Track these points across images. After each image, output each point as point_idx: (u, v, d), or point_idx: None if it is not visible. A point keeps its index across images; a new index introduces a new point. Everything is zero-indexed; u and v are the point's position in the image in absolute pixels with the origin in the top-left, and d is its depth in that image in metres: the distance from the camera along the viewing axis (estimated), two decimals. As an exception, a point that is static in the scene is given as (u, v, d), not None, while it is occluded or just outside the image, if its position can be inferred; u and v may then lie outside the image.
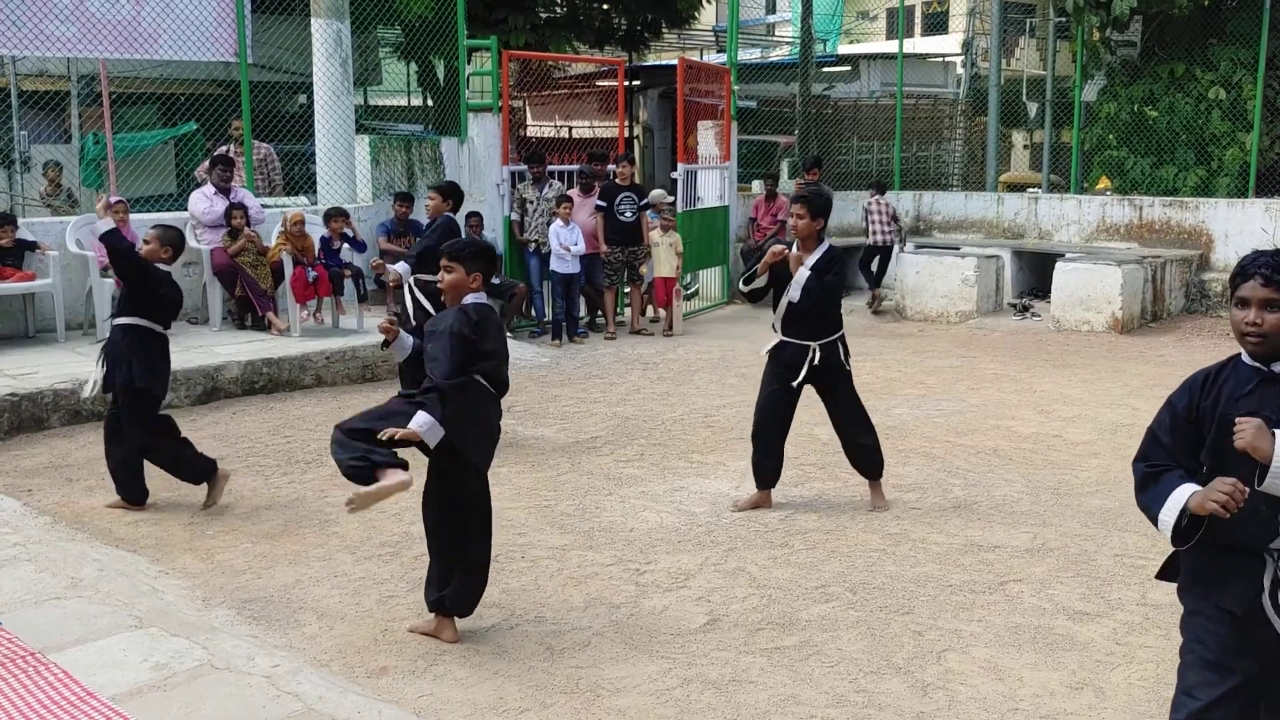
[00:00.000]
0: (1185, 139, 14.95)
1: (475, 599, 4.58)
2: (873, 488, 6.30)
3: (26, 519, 5.73)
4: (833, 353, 6.01)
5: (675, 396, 9.11)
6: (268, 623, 4.69)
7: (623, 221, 11.82)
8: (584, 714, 3.95)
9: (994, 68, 17.24)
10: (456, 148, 12.61)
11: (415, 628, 4.62)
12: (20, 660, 3.94)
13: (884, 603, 4.94)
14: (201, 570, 5.28)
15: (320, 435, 7.73)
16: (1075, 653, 4.45)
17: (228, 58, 11.08)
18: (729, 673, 4.27)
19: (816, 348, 5.96)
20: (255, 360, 8.82)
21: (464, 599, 4.54)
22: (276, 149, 12.78)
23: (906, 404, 8.81)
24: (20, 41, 9.87)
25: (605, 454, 7.35)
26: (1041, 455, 7.36)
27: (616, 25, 19.34)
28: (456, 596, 4.52)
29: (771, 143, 19.79)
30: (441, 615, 4.55)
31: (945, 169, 19.71)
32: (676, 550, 5.59)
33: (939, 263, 13.39)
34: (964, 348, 11.51)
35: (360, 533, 5.81)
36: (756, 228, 14.37)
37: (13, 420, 7.45)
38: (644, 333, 12.12)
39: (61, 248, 9.66)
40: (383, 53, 19.24)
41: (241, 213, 10.09)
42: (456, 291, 4.52)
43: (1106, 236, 14.75)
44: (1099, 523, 6.00)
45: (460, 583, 4.50)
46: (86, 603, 4.59)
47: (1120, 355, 11.01)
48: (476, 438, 4.46)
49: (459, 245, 4.63)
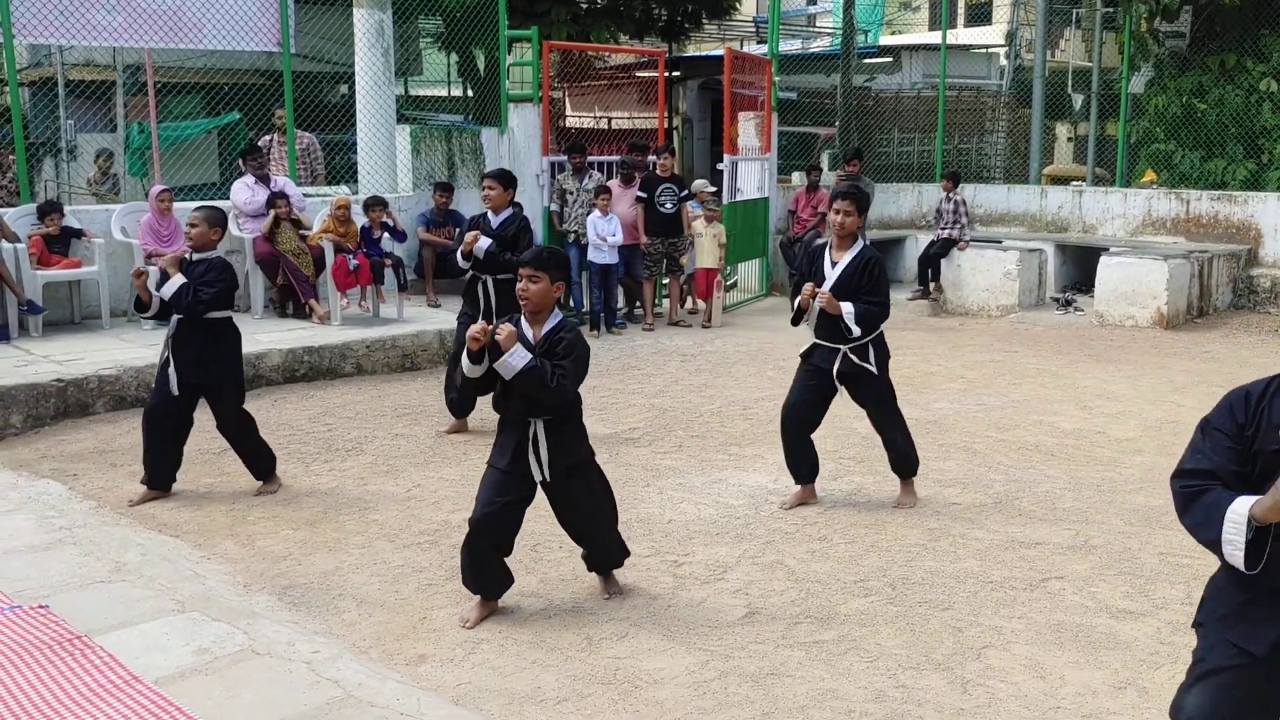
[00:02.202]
0: (1235, 132, 14.71)
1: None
2: (903, 485, 6.23)
3: (72, 503, 5.81)
4: (862, 355, 5.89)
5: (713, 388, 9.09)
6: (308, 609, 4.72)
7: (663, 213, 11.80)
8: (621, 705, 3.94)
9: (1039, 59, 17.04)
10: (496, 138, 12.63)
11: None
12: (68, 643, 3.99)
13: (923, 598, 4.90)
14: (243, 556, 5.33)
15: (360, 423, 7.78)
16: (1118, 652, 4.40)
17: (271, 48, 11.16)
18: (767, 666, 4.25)
19: (845, 351, 5.88)
20: (296, 348, 8.88)
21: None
22: (318, 138, 12.88)
23: (947, 398, 8.73)
24: (67, 31, 9.99)
25: (643, 445, 7.35)
26: (1084, 451, 7.27)
27: (657, 16, 19.30)
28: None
29: (812, 134, 19.67)
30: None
31: (987, 161, 19.50)
32: (714, 542, 5.57)
33: (980, 256, 13.26)
34: (1005, 342, 11.40)
35: (400, 521, 5.84)
36: (796, 220, 14.30)
37: (59, 405, 7.55)
38: (682, 324, 12.09)
39: (107, 235, 9.78)
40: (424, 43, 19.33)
41: (285, 202, 10.17)
42: (542, 301, 4.52)
43: (1152, 231, 14.56)
44: (1143, 520, 5.92)
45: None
46: (130, 587, 4.64)
47: (1165, 351, 10.86)
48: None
49: (544, 255, 4.61)
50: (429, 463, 6.93)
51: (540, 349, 4.48)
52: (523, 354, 4.37)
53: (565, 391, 4.47)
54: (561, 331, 4.55)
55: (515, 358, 4.36)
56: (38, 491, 5.96)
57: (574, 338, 4.54)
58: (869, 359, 5.91)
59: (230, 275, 6.05)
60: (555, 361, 4.45)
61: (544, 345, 4.50)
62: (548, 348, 4.49)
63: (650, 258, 11.90)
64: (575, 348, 4.50)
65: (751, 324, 12.34)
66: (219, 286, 5.91)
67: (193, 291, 5.84)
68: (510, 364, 4.36)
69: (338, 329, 9.63)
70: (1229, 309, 13.18)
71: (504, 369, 4.38)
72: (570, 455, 4.62)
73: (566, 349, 4.49)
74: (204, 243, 5.98)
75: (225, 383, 6.08)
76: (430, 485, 6.46)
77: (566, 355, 4.47)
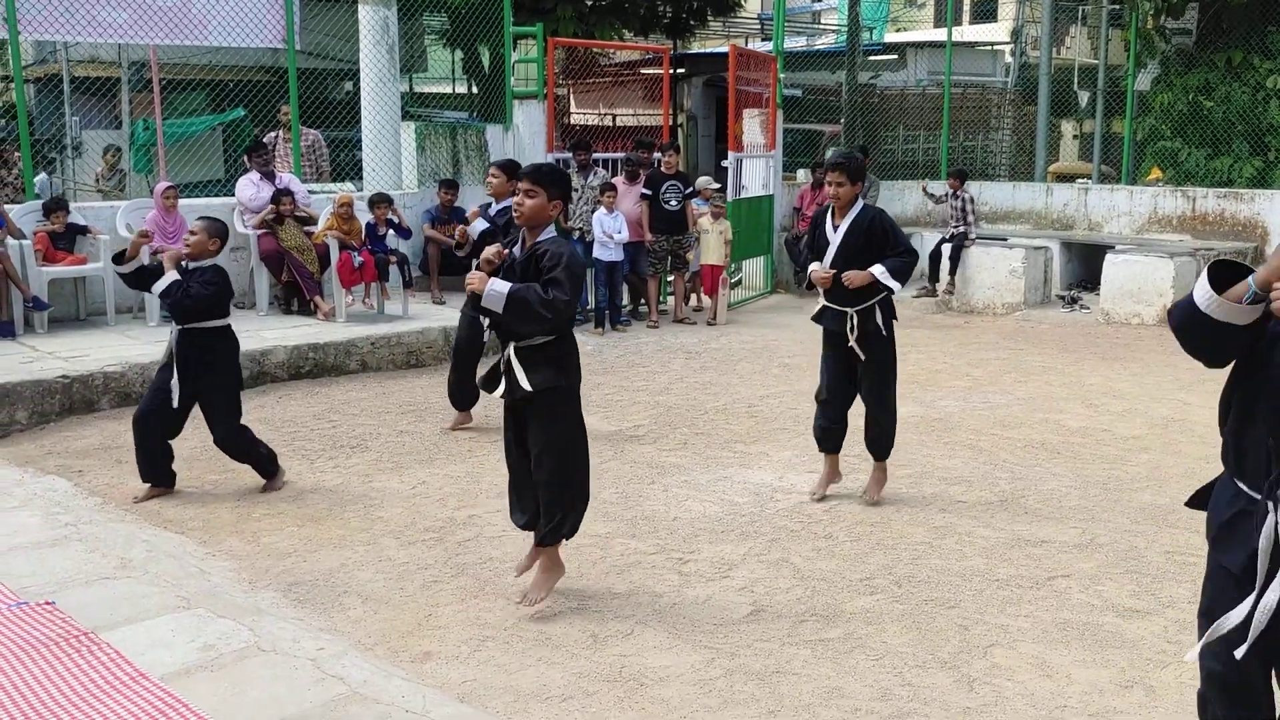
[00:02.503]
0: (1241, 129, 14.66)
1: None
2: (874, 473, 6.19)
3: (77, 499, 5.82)
4: (869, 318, 5.89)
5: (718, 386, 9.08)
6: (313, 606, 4.72)
7: (668, 210, 11.78)
8: (627, 702, 3.94)
9: (1045, 56, 16.99)
10: (501, 135, 12.63)
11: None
12: (74, 640, 3.99)
13: (929, 596, 4.89)
14: (248, 553, 5.33)
15: (365, 420, 7.78)
16: (1125, 650, 4.38)
17: (276, 44, 11.17)
18: (772, 664, 4.24)
19: (853, 313, 5.88)
20: (301, 345, 8.89)
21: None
22: (324, 135, 12.88)
23: (952, 396, 8.72)
24: (73, 27, 9.99)
25: (648, 443, 7.34)
26: (1090, 449, 7.25)
27: (662, 12, 19.28)
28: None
29: (817, 132, 19.64)
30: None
31: (992, 159, 19.47)
32: (720, 540, 5.56)
33: (986, 254, 13.24)
34: (1011, 340, 11.38)
35: (405, 518, 5.84)
36: (801, 217, 14.28)
37: (64, 402, 7.55)
38: (687, 321, 12.08)
39: (112, 232, 9.78)
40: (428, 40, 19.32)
41: (289, 199, 10.17)
42: (536, 218, 4.42)
43: (1158, 228, 14.52)
44: (1149, 519, 5.91)
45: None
46: (135, 583, 4.64)
47: (1171, 349, 10.73)
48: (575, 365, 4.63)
49: (542, 169, 4.51)
50: (434, 459, 6.92)
51: (521, 260, 4.42)
52: (501, 285, 4.27)
53: (561, 306, 4.30)
54: (544, 244, 4.40)
55: (495, 287, 4.25)
56: (43, 488, 5.96)
57: (557, 248, 4.38)
58: (876, 319, 5.90)
59: (224, 283, 6.01)
60: (544, 278, 4.30)
61: (525, 256, 4.43)
62: (528, 258, 4.41)
63: (655, 255, 11.89)
64: (561, 256, 4.33)
65: (756, 321, 12.33)
66: (211, 290, 5.89)
67: (183, 290, 5.84)
68: (495, 292, 4.24)
69: (342, 326, 9.63)
70: (1235, 307, 13.12)
71: (490, 302, 4.28)
72: (537, 376, 4.45)
73: (552, 259, 4.32)
74: (201, 252, 5.96)
75: (219, 395, 6.03)
76: (435, 482, 6.46)
77: (554, 266, 4.30)
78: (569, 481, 4.62)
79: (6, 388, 7.30)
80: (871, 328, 5.91)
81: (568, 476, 4.61)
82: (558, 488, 4.60)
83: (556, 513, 4.62)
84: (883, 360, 6.02)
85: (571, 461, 4.61)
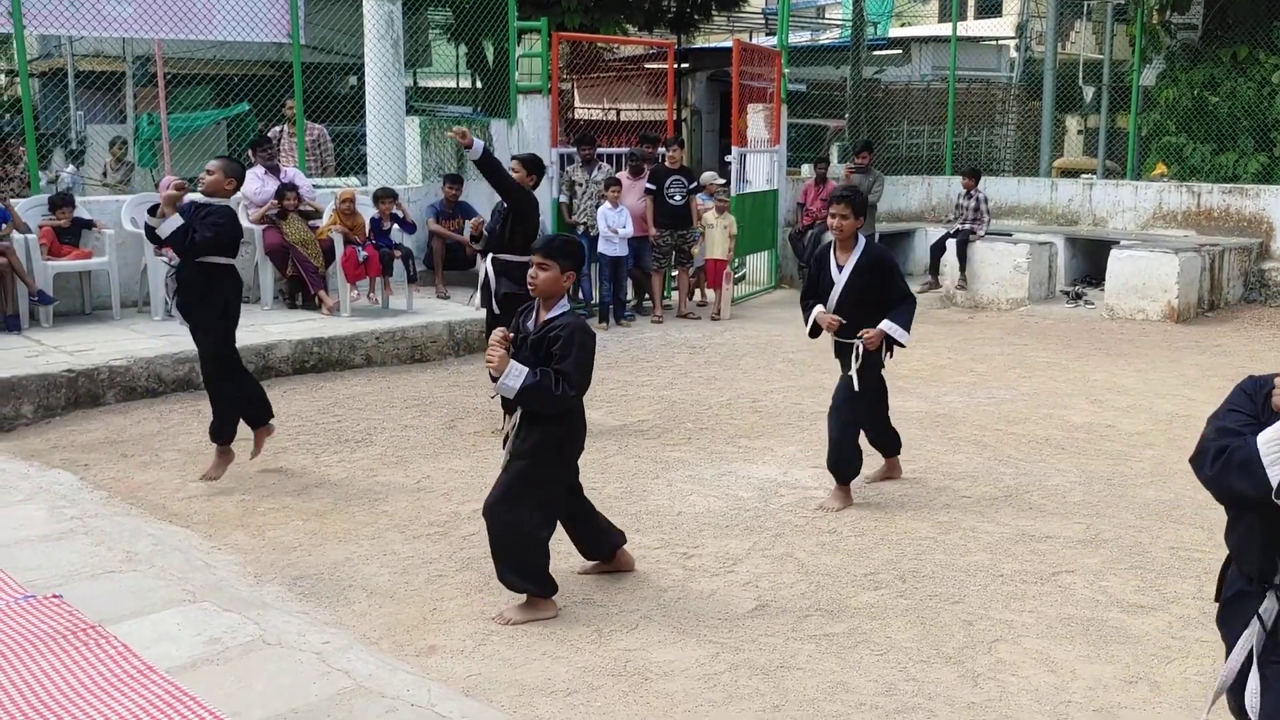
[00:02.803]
0: (1247, 125, 14.63)
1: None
2: (888, 460, 6.40)
3: (83, 493, 5.83)
4: (876, 351, 5.97)
5: (722, 381, 9.08)
6: (318, 600, 4.73)
7: (672, 205, 11.78)
8: (631, 697, 3.95)
9: (1049, 51, 16.95)
10: (506, 129, 12.63)
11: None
12: (82, 633, 4.00)
13: (934, 591, 4.89)
14: (253, 547, 5.34)
15: (369, 414, 7.79)
16: (1129, 646, 4.39)
17: (280, 39, 11.17)
18: (777, 659, 4.25)
19: (860, 344, 5.92)
20: (306, 339, 8.89)
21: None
22: (328, 130, 12.88)
23: (957, 392, 8.72)
24: (78, 22, 10.01)
25: (652, 437, 7.34)
26: (1095, 445, 7.25)
27: (666, 7, 19.25)
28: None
29: (821, 127, 19.62)
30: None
31: (997, 154, 19.44)
32: (724, 535, 5.57)
33: (990, 249, 13.21)
34: (1015, 335, 11.37)
35: (409, 512, 5.85)
36: (805, 212, 14.27)
37: (69, 396, 7.57)
38: (691, 316, 12.08)
39: (117, 226, 9.79)
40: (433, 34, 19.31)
41: (294, 194, 10.17)
42: (551, 290, 4.47)
43: (1163, 224, 14.50)
44: (1154, 514, 5.91)
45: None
46: (141, 577, 4.65)
47: (1176, 345, 10.82)
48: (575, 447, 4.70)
49: (555, 243, 4.55)
50: (438, 454, 6.93)
51: (534, 336, 4.45)
52: (518, 372, 4.30)
53: (570, 399, 4.40)
54: (557, 324, 4.42)
55: (511, 378, 4.30)
56: (49, 481, 5.98)
57: (569, 332, 4.38)
58: (882, 353, 6.01)
59: (233, 222, 6.03)
60: (555, 366, 4.35)
61: (539, 333, 4.46)
62: (540, 336, 4.44)
63: (659, 250, 11.89)
64: (573, 343, 4.35)
65: (761, 316, 12.33)
66: (215, 230, 5.88)
67: (190, 234, 5.84)
68: (508, 385, 4.30)
69: (347, 320, 9.64)
70: (1240, 303, 13.13)
71: (504, 391, 4.35)
72: (533, 435, 4.50)
73: (564, 347, 4.35)
74: (215, 190, 5.95)
75: (206, 326, 6.07)
76: (440, 477, 6.47)
77: (565, 355, 4.34)
78: (525, 540, 4.51)
79: (12, 381, 7.31)
80: (875, 359, 6.00)
81: (523, 534, 4.50)
82: (512, 545, 4.52)
83: (502, 568, 4.54)
84: (868, 377, 6.01)
85: (528, 521, 4.49)
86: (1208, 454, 2.65)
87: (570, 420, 4.58)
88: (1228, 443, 2.60)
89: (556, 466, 4.58)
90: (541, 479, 4.52)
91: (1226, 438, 2.62)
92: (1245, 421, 2.67)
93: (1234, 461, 2.55)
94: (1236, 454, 2.55)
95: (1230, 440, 2.60)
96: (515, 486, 4.50)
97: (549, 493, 4.58)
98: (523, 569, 4.53)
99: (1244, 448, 2.53)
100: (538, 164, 7.51)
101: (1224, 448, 2.59)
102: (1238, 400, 2.75)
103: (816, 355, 9.34)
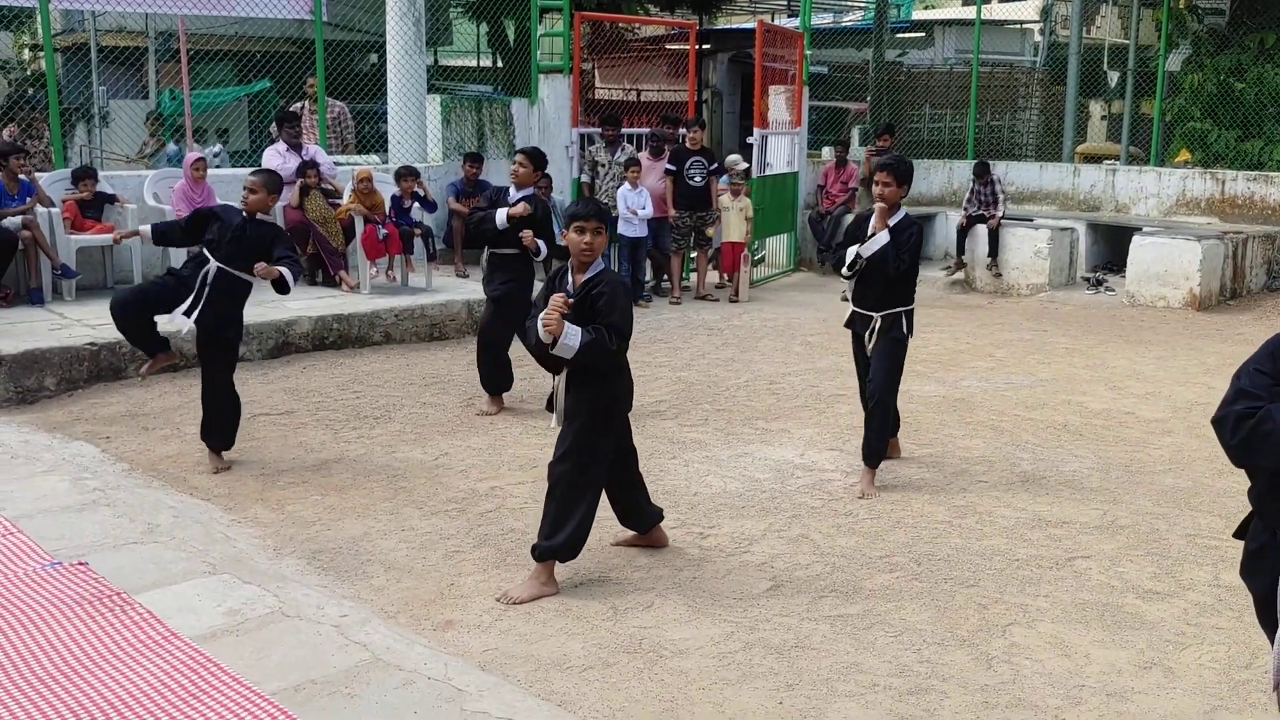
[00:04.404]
0: (1273, 112, 14.50)
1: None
2: (864, 473, 6.05)
3: (105, 465, 5.89)
4: (894, 324, 5.94)
5: (740, 363, 9.08)
6: (336, 573, 4.77)
7: (692, 186, 11.76)
8: (646, 674, 3.97)
9: (1074, 35, 16.82)
10: (526, 109, 12.62)
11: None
12: (107, 599, 4.06)
13: (949, 574, 4.90)
14: (272, 520, 5.39)
15: (389, 391, 7.83)
16: (1144, 632, 4.39)
17: (303, 15, 11.18)
18: (791, 639, 4.27)
19: (879, 318, 5.91)
20: (326, 316, 8.94)
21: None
22: (349, 107, 12.90)
23: (975, 376, 8.70)
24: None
25: (669, 418, 7.36)
26: (1113, 432, 7.23)
27: (689, -13, 19.19)
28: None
29: (843, 109, 19.52)
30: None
31: (1019, 139, 19.30)
32: (740, 515, 5.59)
33: (1011, 234, 13.15)
34: (1035, 321, 11.33)
35: (427, 488, 5.89)
36: (825, 195, 14.23)
37: (92, 369, 7.63)
38: (709, 298, 12.08)
39: (140, 201, 9.85)
40: (454, 13, 19.28)
41: (314, 171, 10.20)
42: (600, 252, 4.61)
43: (1186, 211, 14.39)
44: (1171, 501, 5.89)
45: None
46: (162, 548, 4.71)
47: (1197, 333, 10.76)
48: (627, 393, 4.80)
49: (601, 208, 4.73)
50: (456, 431, 6.97)
51: (577, 295, 4.52)
52: (574, 331, 4.37)
53: (621, 352, 4.54)
54: (600, 283, 4.54)
55: (570, 338, 4.37)
56: (71, 453, 6.04)
57: (612, 289, 4.52)
58: (902, 326, 5.96)
59: (279, 234, 6.21)
60: (601, 321, 4.45)
61: (581, 292, 4.53)
62: (583, 295, 4.52)
63: (679, 231, 11.88)
64: (617, 297, 4.50)
65: (779, 299, 12.31)
66: (294, 250, 6.10)
67: (295, 264, 5.97)
68: (568, 345, 4.37)
69: (366, 298, 9.67)
70: (1263, 291, 13.03)
71: (564, 351, 4.39)
72: (584, 393, 4.61)
73: (608, 302, 4.47)
74: (261, 207, 6.02)
75: (232, 342, 6.12)
76: (458, 454, 6.50)
77: (611, 309, 4.46)
78: (578, 497, 4.60)
79: (35, 354, 7.38)
80: (895, 333, 5.95)
81: (578, 492, 4.60)
82: (564, 500, 4.59)
83: (548, 526, 4.60)
84: (888, 354, 5.97)
85: (583, 480, 4.61)
86: (1228, 421, 2.66)
87: (619, 378, 4.70)
88: (1250, 408, 2.59)
89: (609, 422, 4.67)
90: (593, 438, 4.61)
91: (1247, 401, 2.62)
92: (1269, 384, 2.66)
93: (1258, 434, 2.58)
94: (1261, 426, 2.56)
95: (1252, 404, 2.60)
96: (572, 445, 4.58)
97: (598, 452, 4.65)
98: (562, 522, 4.56)
99: (1268, 419, 2.55)
100: (542, 159, 7.51)
101: (1245, 415, 2.60)
102: (1263, 359, 2.74)
103: (834, 339, 9.33)
